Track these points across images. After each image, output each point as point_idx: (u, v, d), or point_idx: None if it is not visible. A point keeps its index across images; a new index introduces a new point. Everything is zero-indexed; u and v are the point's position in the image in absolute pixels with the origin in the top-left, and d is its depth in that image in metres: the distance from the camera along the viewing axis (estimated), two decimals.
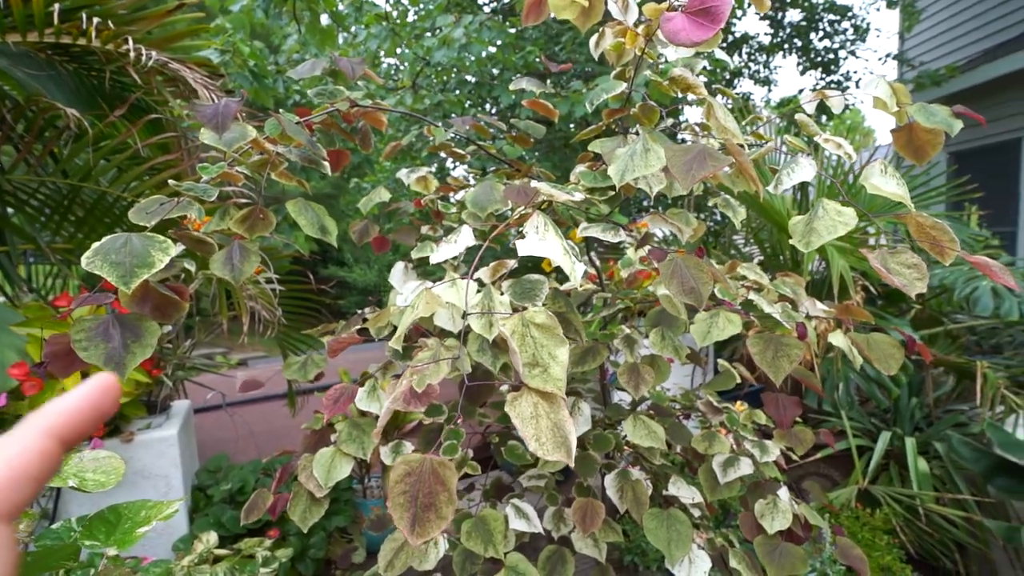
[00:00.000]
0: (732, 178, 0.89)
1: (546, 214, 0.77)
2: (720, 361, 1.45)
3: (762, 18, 5.72)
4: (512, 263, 0.96)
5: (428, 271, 1.19)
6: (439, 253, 0.66)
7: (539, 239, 0.57)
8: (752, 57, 6.44)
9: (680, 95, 0.87)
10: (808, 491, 1.31)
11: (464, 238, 0.66)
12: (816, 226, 0.70)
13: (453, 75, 2.75)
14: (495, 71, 3.45)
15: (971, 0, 5.49)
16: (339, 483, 1.61)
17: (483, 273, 0.96)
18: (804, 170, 0.77)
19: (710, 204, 1.00)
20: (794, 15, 5.65)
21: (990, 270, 0.65)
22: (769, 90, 6.48)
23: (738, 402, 2.28)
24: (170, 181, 0.80)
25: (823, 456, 2.55)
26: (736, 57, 6.46)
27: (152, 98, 1.62)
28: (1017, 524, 1.94)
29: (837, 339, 0.97)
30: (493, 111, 3.96)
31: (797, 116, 0.99)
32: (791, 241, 0.74)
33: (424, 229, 1.26)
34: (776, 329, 1.06)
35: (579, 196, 0.68)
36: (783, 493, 1.10)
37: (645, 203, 4.11)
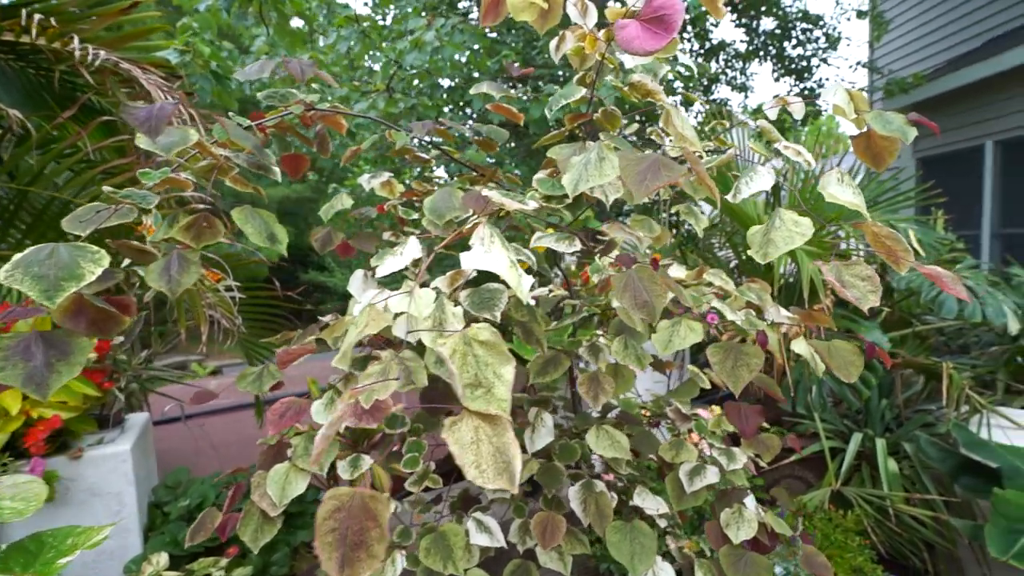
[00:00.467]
0: (694, 185, 0.88)
1: (497, 223, 0.75)
2: (689, 367, 1.44)
3: (738, 25, 5.81)
4: (471, 272, 0.93)
5: (390, 279, 1.16)
6: (384, 266, 0.63)
7: (484, 251, 0.55)
8: (729, 64, 6.54)
9: (640, 101, 0.86)
10: (776, 497, 1.30)
11: (410, 250, 0.63)
12: (773, 237, 0.69)
13: (427, 79, 2.73)
14: (476, 75, 3.42)
15: (936, 12, 5.67)
16: (305, 495, 1.56)
17: (441, 282, 0.93)
18: (762, 179, 0.77)
19: (672, 211, 0.99)
20: (768, 23, 5.76)
21: (941, 281, 0.65)
22: (746, 96, 6.59)
23: (712, 406, 2.29)
24: (105, 188, 0.76)
25: (797, 459, 2.58)
26: (714, 63, 6.56)
27: (107, 99, 1.56)
28: (982, 522, 1.98)
29: (799, 346, 0.97)
30: (473, 116, 3.94)
31: (760, 122, 0.99)
32: (749, 252, 0.73)
33: (386, 235, 1.23)
34: (748, 335, 1.05)
35: (533, 204, 0.66)
36: (750, 502, 1.10)
37: (625, 207, 4.12)
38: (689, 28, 6.29)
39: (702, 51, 6.36)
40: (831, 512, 2.27)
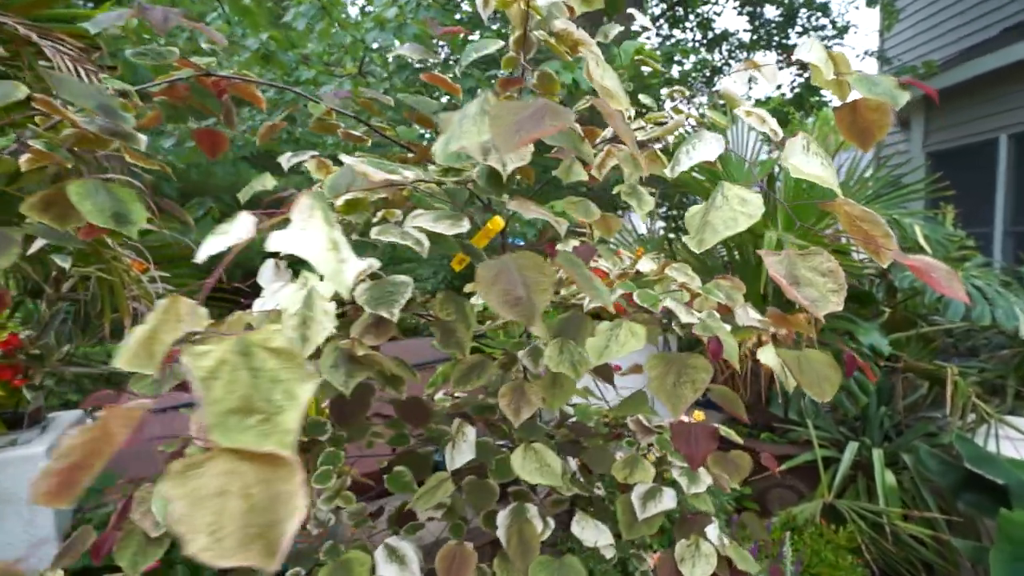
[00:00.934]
0: (633, 160, 0.73)
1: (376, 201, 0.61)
2: None
3: (740, 14, 5.61)
4: (374, 261, 0.79)
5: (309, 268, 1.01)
6: (203, 248, 0.49)
7: (300, 230, 0.41)
8: (732, 55, 6.35)
9: (572, 56, 0.72)
10: (747, 523, 1.16)
11: (239, 228, 0.49)
12: (712, 219, 0.54)
13: (394, 59, 2.59)
14: (454, 58, 3.27)
15: (949, 0, 5.43)
16: None
17: None
18: (708, 146, 0.62)
19: (613, 192, 0.85)
20: (772, 11, 5.56)
21: (929, 277, 0.50)
22: (750, 87, 6.40)
23: (695, 411, 2.14)
24: None
25: (789, 466, 2.43)
26: (716, 54, 6.36)
27: (20, 72, 1.42)
28: (986, 544, 1.82)
29: (767, 356, 0.82)
30: (452, 100, 3.79)
31: (722, 88, 0.84)
32: (684, 239, 0.58)
33: None
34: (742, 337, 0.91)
35: (409, 174, 0.52)
36: (712, 531, 0.95)
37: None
38: (691, 17, 6.09)
39: (704, 41, 6.17)
40: (823, 527, 2.12)
